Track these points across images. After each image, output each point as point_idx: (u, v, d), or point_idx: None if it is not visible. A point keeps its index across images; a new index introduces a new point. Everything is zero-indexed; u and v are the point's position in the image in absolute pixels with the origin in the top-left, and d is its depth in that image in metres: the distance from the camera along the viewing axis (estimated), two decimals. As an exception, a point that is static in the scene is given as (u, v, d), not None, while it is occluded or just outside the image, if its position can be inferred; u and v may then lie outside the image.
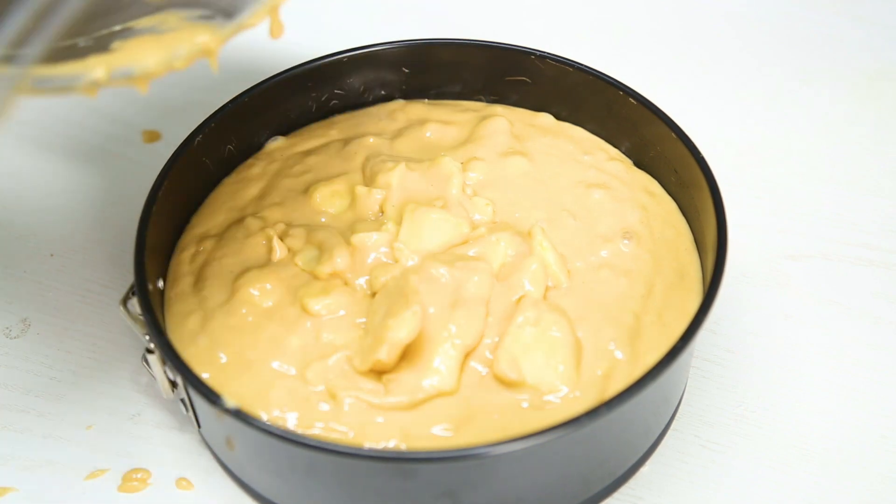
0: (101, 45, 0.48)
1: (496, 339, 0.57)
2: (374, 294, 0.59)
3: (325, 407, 0.55)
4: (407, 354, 0.56)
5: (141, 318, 0.57)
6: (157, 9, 0.50)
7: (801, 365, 0.66)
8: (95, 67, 0.47)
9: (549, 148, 0.68)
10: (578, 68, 0.68)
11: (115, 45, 0.48)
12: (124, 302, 0.59)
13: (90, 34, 0.49)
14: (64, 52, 0.47)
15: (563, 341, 0.56)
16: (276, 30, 0.51)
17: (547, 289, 0.59)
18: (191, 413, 0.59)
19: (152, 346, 0.56)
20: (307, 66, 0.68)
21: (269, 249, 0.62)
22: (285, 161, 0.68)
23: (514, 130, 0.69)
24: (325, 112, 0.71)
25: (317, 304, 0.58)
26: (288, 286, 0.60)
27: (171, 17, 0.50)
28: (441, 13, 0.91)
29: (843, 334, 0.67)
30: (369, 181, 0.65)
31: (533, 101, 0.71)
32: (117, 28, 0.49)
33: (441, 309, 0.56)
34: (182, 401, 0.59)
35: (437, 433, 0.54)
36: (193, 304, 0.60)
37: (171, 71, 0.48)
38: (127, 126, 0.81)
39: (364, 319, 0.58)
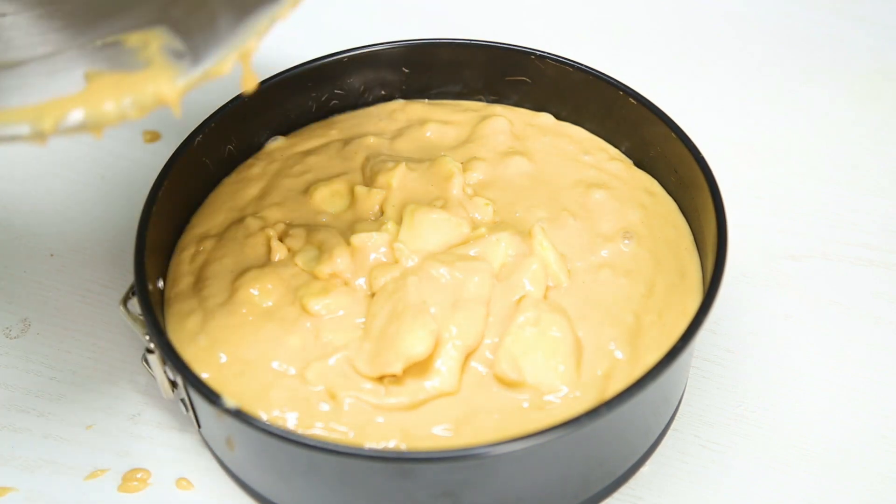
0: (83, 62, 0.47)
1: (497, 340, 0.57)
2: (373, 294, 0.59)
3: (325, 407, 0.55)
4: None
5: (141, 318, 0.57)
6: (148, 22, 0.49)
7: (801, 365, 0.66)
8: (45, 117, 0.45)
9: (549, 148, 0.68)
10: (578, 68, 0.68)
11: (89, 73, 0.47)
12: (124, 302, 0.59)
13: (83, 43, 0.48)
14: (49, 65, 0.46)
15: (563, 341, 0.56)
16: (248, 80, 0.48)
17: (547, 289, 0.59)
18: (191, 413, 0.59)
19: (152, 346, 0.56)
20: (307, 66, 0.68)
21: (269, 249, 0.62)
22: (285, 161, 0.68)
23: (514, 130, 0.69)
24: (325, 112, 0.71)
25: (317, 304, 0.58)
26: (288, 286, 0.60)
27: (153, 41, 0.48)
28: (441, 13, 0.91)
29: (843, 334, 0.67)
30: (369, 181, 0.65)
31: (533, 101, 0.71)
32: (110, 39, 0.48)
33: (442, 309, 0.56)
34: (182, 401, 0.59)
35: (437, 433, 0.54)
36: (193, 304, 0.60)
37: (126, 121, 0.47)
38: (127, 126, 0.81)
39: (363, 320, 0.58)
